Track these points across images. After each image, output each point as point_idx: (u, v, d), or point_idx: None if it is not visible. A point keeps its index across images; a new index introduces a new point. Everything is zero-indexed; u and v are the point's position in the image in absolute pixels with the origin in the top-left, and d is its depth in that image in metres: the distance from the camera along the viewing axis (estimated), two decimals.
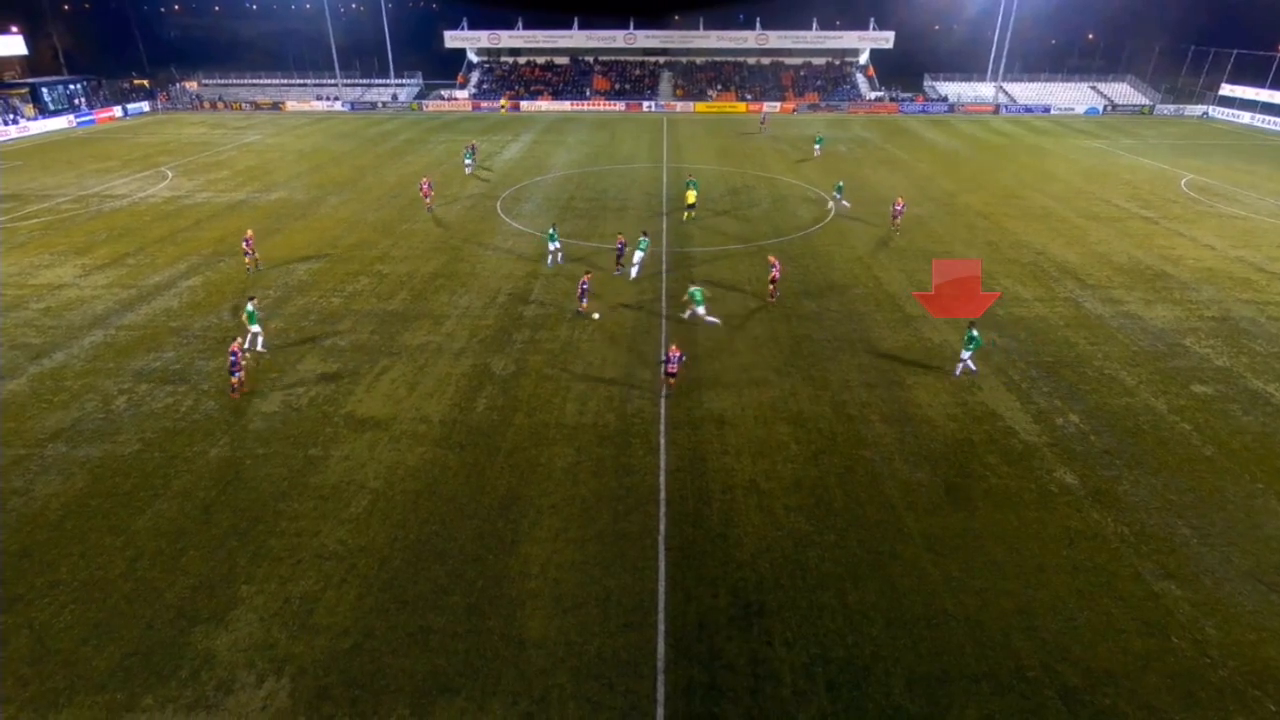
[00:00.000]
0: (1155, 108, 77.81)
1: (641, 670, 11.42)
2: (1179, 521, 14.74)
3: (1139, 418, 18.51)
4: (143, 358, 21.40)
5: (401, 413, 18.58)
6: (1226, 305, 25.60)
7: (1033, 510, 15.07)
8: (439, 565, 13.48)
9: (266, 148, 56.72)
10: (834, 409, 18.82)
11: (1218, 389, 19.92)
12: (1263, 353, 22.02)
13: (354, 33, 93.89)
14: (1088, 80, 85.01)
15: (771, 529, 14.48)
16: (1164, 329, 23.70)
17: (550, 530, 14.39)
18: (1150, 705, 10.81)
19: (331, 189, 42.70)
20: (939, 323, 23.87)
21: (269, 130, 65.35)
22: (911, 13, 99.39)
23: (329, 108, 79.92)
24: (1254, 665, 11.47)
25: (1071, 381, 20.29)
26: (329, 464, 16.48)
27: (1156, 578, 13.26)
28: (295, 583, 13.06)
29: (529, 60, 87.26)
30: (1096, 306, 25.44)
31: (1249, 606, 12.61)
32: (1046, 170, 48.59)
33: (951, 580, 13.19)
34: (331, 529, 14.40)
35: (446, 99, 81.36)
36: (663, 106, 79.39)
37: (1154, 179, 45.87)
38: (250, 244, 28.26)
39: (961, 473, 16.28)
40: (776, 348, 22.22)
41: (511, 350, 22.01)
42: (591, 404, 19.02)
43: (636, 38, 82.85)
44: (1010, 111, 78.16)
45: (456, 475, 16.12)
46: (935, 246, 31.78)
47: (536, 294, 26.32)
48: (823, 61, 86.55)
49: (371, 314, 24.64)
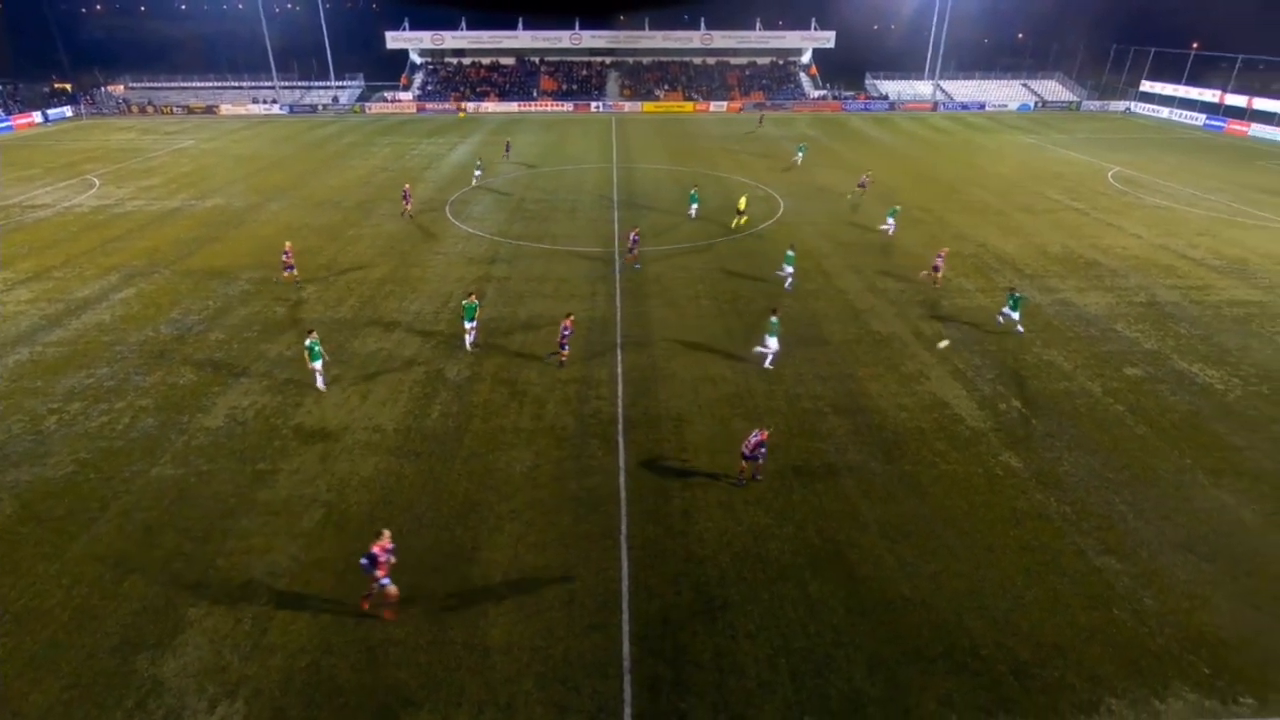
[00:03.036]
0: (1082, 104, 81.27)
1: (608, 671, 11.40)
2: (1116, 499, 15.44)
3: (1076, 401, 19.32)
4: (73, 375, 20.39)
5: (353, 422, 18.15)
6: (1153, 291, 26.92)
7: (981, 494, 15.59)
8: (397, 577, 13.14)
9: (201, 153, 54.69)
10: (789, 403, 19.11)
11: (1147, 371, 20.92)
12: (1187, 335, 23.21)
13: (290, 34, 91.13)
14: (1019, 78, 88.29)
15: (732, 523, 14.63)
16: (1097, 315, 24.78)
17: (511, 536, 14.25)
18: (1096, 675, 11.29)
19: (272, 195, 41.41)
20: (888, 316, 24.49)
21: (203, 135, 63.02)
22: (851, 13, 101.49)
23: (267, 111, 77.47)
24: (1188, 632, 12.09)
25: (1013, 368, 21.05)
26: (278, 478, 15.98)
27: (1097, 553, 13.86)
28: (246, 602, 12.63)
29: (474, 61, 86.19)
30: (1034, 295, 26.44)
31: (1182, 576, 13.28)
32: (984, 165, 50.28)
33: (907, 565, 13.54)
34: (283, 545, 13.97)
35: (390, 101, 79.75)
36: (611, 106, 79.39)
37: (1083, 172, 47.91)
38: (289, 255, 26.87)
39: (913, 460, 16.73)
40: (731, 344, 22.45)
41: (465, 355, 21.71)
42: (549, 406, 18.90)
43: (582, 38, 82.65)
44: (948, 109, 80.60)
45: (413, 484, 15.82)
46: (880, 240, 32.54)
47: (490, 296, 26.02)
48: (767, 61, 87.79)
49: (318, 322, 23.97)
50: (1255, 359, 21.55)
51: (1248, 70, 73.56)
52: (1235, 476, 16.13)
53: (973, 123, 71.56)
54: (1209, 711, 10.71)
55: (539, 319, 24.26)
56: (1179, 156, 53.48)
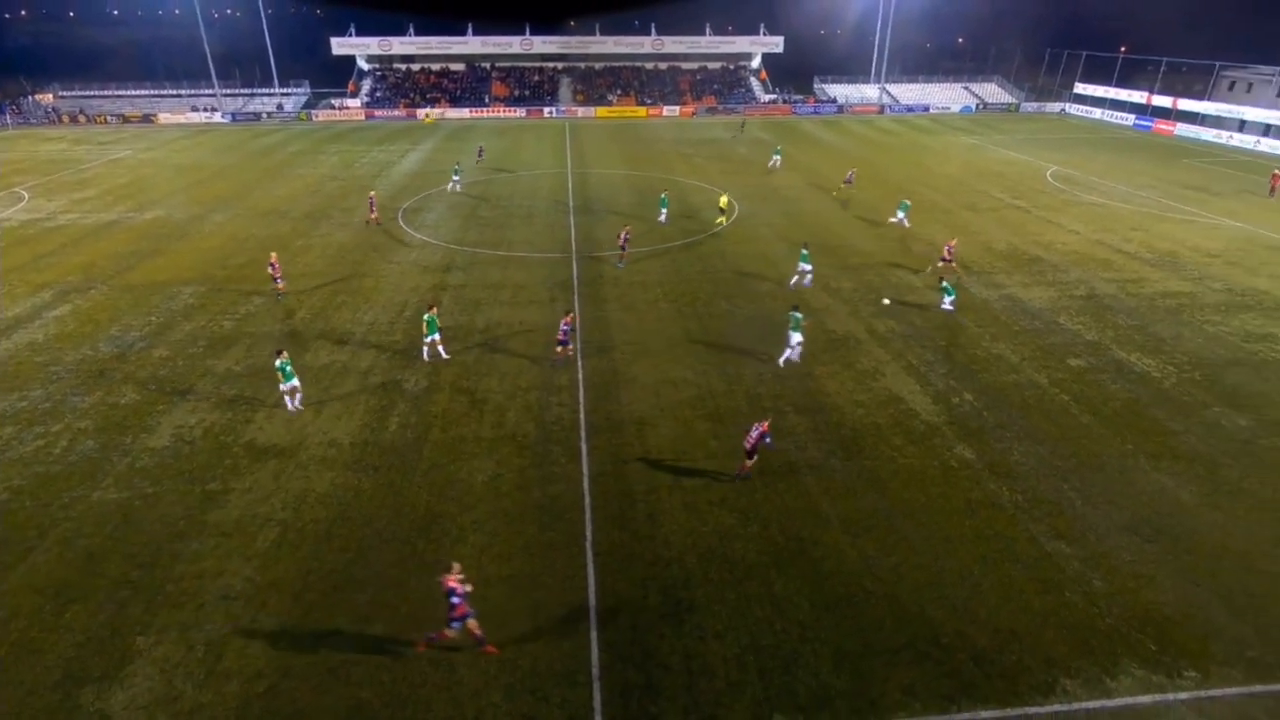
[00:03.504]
0: (1020, 105, 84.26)
1: (577, 679, 11.32)
2: (1065, 485, 16.00)
3: (1025, 392, 19.97)
4: (4, 398, 19.39)
5: (307, 438, 17.67)
6: (1092, 284, 28.03)
7: (937, 486, 15.98)
8: (358, 594, 12.90)
9: (139, 163, 52.72)
10: (749, 403, 19.31)
11: (1090, 361, 21.76)
12: (1125, 325, 24.23)
13: (231, 40, 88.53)
14: (960, 81, 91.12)
15: (697, 525, 14.70)
16: (1041, 309, 25.68)
17: (475, 546, 14.05)
18: (1051, 657, 11.67)
19: (215, 206, 40.14)
20: (842, 315, 24.98)
21: (141, 145, 60.75)
22: (798, 18, 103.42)
23: (208, 119, 75.12)
24: (1135, 610, 12.59)
25: (964, 363, 21.65)
26: (230, 498, 15.46)
27: (1049, 539, 14.33)
28: (199, 628, 12.17)
29: (424, 67, 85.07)
30: (982, 291, 27.28)
31: (1128, 557, 13.83)
32: (930, 166, 51.70)
33: (868, 559, 13.79)
34: (237, 567, 13.51)
35: (338, 108, 78.14)
36: (564, 112, 79.22)
37: (1023, 171, 49.65)
38: (276, 267, 26.05)
39: (871, 456, 17.06)
40: (691, 347, 22.59)
41: (422, 365, 21.36)
42: (510, 414, 18.72)
43: (534, 44, 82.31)
44: (894, 111, 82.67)
45: (371, 499, 15.47)
46: (834, 241, 33.18)
47: (446, 305, 25.65)
48: (718, 66, 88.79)
49: (268, 336, 23.32)
50: (1187, 347, 22.61)
51: (1171, 73, 77.38)
52: (1173, 459, 16.88)
53: (918, 125, 73.53)
54: (1156, 686, 11.16)
55: (497, 326, 24.03)
56: (1111, 155, 55.85)
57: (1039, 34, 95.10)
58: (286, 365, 18.20)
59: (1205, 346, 22.64)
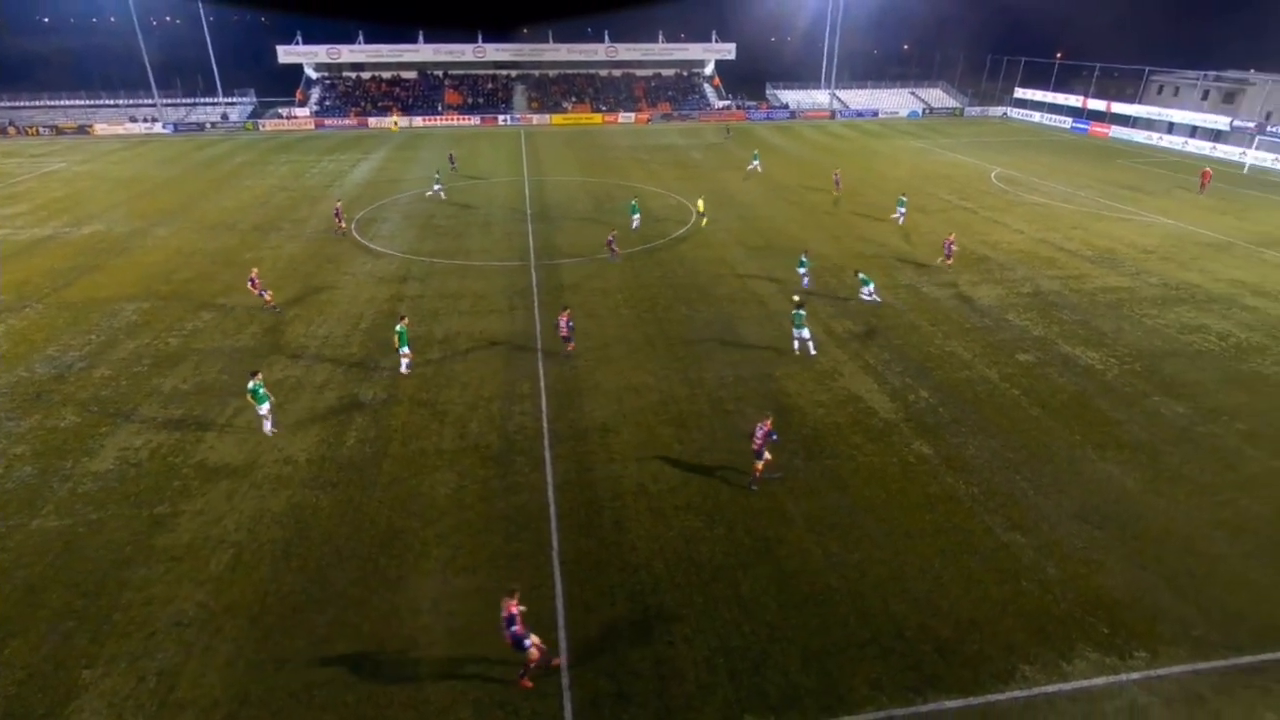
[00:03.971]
0: (965, 110, 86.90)
1: (547, 691, 11.20)
2: (1017, 477, 16.49)
3: (977, 388, 20.54)
4: None
5: (261, 456, 17.16)
6: (1037, 282, 29.02)
7: (897, 482, 16.31)
8: (318, 615, 12.55)
9: (75, 176, 50.68)
10: (712, 406, 19.44)
11: (1037, 356, 22.50)
12: (1069, 321, 25.13)
13: (171, 48, 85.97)
14: (908, 86, 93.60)
15: (663, 529, 14.71)
16: (990, 306, 26.47)
17: (439, 561, 13.82)
18: (1010, 645, 11.99)
19: (158, 219, 38.80)
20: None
21: (77, 157, 58.38)
22: (750, 25, 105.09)
23: (148, 130, 72.61)
24: (1087, 595, 13.03)
25: (919, 360, 22.17)
26: (180, 521, 14.91)
27: (1004, 530, 14.75)
28: (150, 658, 11.69)
29: (374, 75, 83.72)
30: (933, 290, 27.99)
31: (1079, 544, 14.31)
32: (881, 169, 52.90)
33: (832, 557, 13.99)
34: (189, 592, 13.03)
35: (286, 117, 76.34)
36: (519, 119, 78.82)
37: (969, 174, 51.19)
38: (257, 283, 25.30)
39: (832, 455, 17.33)
40: (652, 352, 22.65)
41: (380, 378, 20.96)
42: (471, 425, 18.49)
43: (486, 51, 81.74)
44: (845, 116, 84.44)
45: (330, 516, 15.10)
46: (789, 244, 33.65)
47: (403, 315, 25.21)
48: (672, 72, 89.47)
49: (217, 352, 22.61)
50: (1128, 340, 23.56)
51: (1105, 77, 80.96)
52: (1117, 448, 17.54)
53: (868, 129, 75.22)
54: (1109, 668, 11.56)
55: (457, 337, 23.73)
56: (1051, 157, 57.97)
57: (981, 40, 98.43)
58: (259, 388, 17.41)
59: (1144, 339, 23.62)
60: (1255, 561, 13.81)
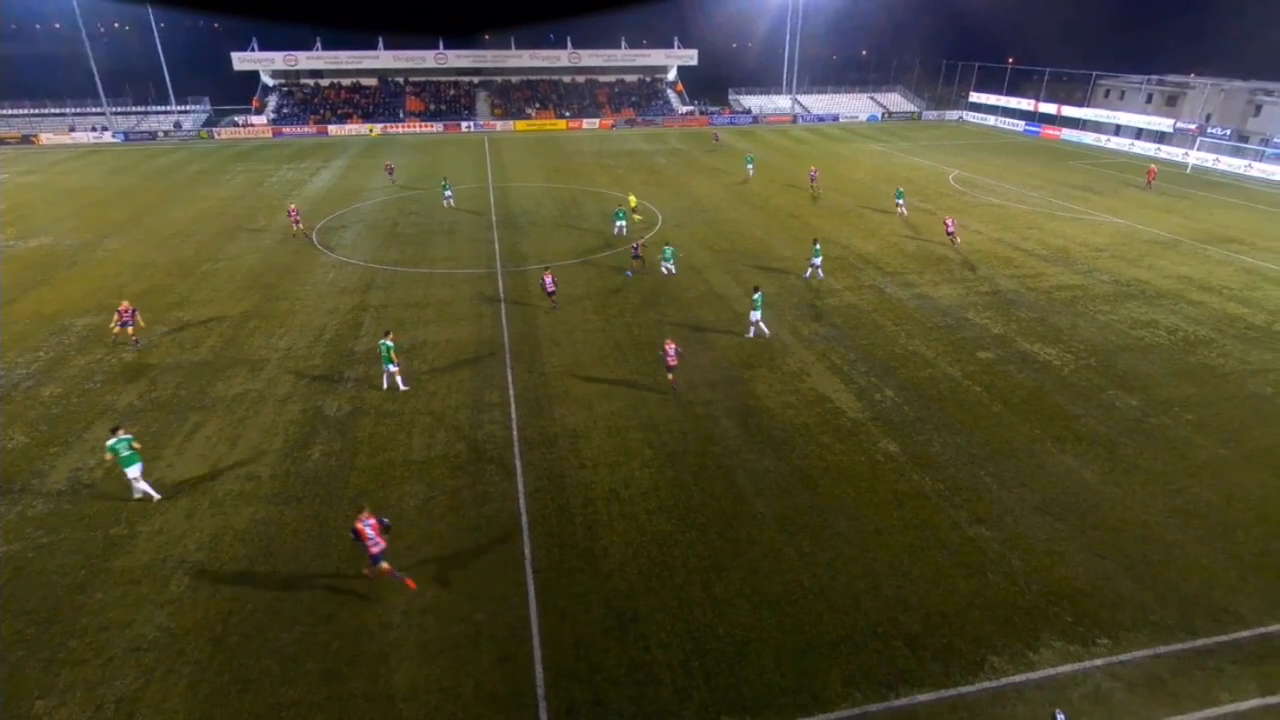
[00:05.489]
0: (922, 114, 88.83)
1: (523, 700, 11.09)
2: (981, 472, 16.86)
3: (940, 386, 20.96)
4: None
5: (222, 472, 16.72)
6: (995, 281, 29.74)
7: (865, 480, 16.54)
8: (285, 633, 12.25)
9: (19, 187, 48.89)
10: (681, 410, 19.50)
11: (997, 353, 23.05)
12: (1026, 319, 25.80)
13: (121, 55, 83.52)
14: (866, 91, 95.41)
15: (636, 534, 14.69)
16: (950, 305, 27.05)
17: (408, 574, 13.58)
18: (978, 637, 12.23)
19: (109, 231, 37.62)
20: (766, 318, 25.53)
21: (20, 167, 56.34)
22: (711, 31, 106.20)
23: (97, 139, 70.38)
24: (1051, 585, 13.36)
25: (884, 360, 22.55)
26: (137, 542, 14.43)
27: (970, 524, 15.05)
28: (107, 685, 11.28)
29: (333, 82, 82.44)
30: (896, 291, 28.51)
31: (1042, 536, 14.67)
32: (843, 172, 53.75)
33: (804, 556, 14.12)
34: (148, 615, 12.61)
35: (242, 125, 74.70)
36: (482, 126, 78.32)
37: (928, 176, 52.30)
38: (125, 314, 22.87)
39: (802, 455, 17.51)
40: (621, 357, 22.64)
41: (345, 389, 20.59)
42: (440, 435, 18.26)
43: (448, 57, 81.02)
44: (806, 121, 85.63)
45: (296, 532, 14.76)
46: (754, 248, 34.03)
47: (368, 326, 24.85)
48: (635, 78, 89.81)
49: (174, 367, 21.98)
50: (1083, 336, 24.27)
51: (1054, 81, 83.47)
52: (1076, 441, 18.05)
53: (829, 133, 76.40)
54: (1074, 656, 11.86)
55: (422, 345, 23.44)
56: (1006, 159, 59.56)
57: (936, 46, 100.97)
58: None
59: (1098, 334, 24.36)
60: (1206, 546, 14.32)
